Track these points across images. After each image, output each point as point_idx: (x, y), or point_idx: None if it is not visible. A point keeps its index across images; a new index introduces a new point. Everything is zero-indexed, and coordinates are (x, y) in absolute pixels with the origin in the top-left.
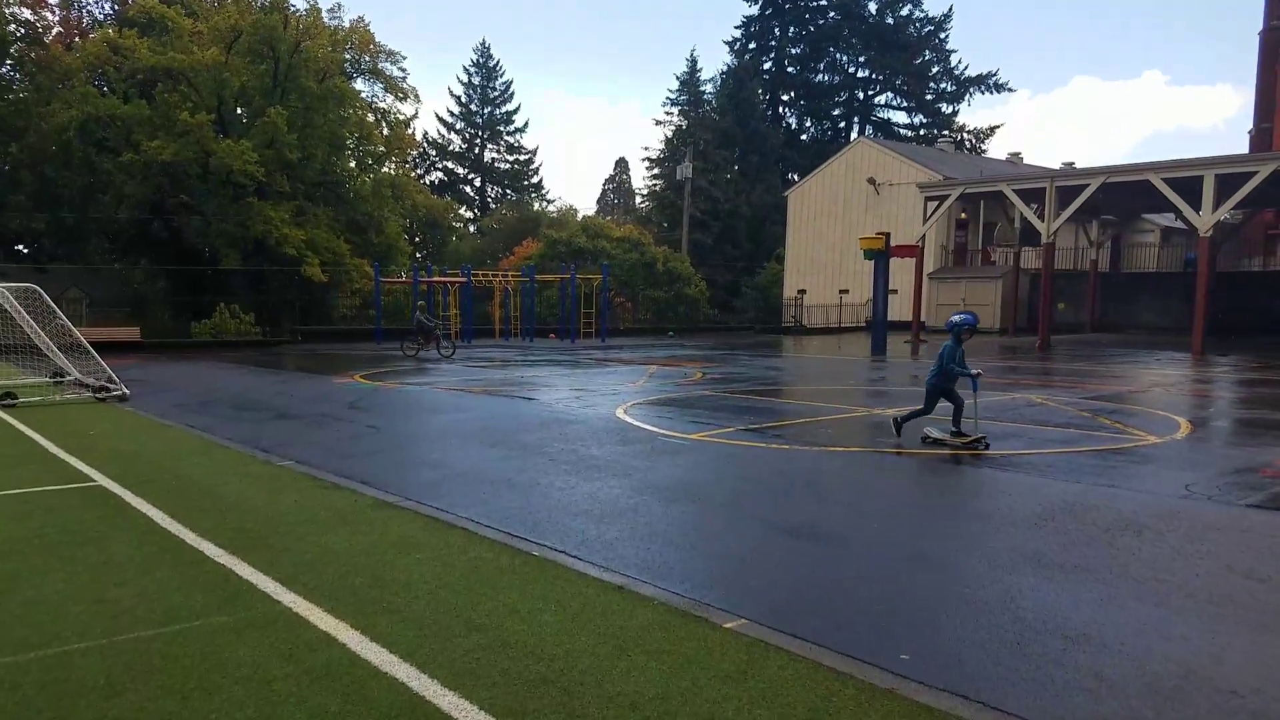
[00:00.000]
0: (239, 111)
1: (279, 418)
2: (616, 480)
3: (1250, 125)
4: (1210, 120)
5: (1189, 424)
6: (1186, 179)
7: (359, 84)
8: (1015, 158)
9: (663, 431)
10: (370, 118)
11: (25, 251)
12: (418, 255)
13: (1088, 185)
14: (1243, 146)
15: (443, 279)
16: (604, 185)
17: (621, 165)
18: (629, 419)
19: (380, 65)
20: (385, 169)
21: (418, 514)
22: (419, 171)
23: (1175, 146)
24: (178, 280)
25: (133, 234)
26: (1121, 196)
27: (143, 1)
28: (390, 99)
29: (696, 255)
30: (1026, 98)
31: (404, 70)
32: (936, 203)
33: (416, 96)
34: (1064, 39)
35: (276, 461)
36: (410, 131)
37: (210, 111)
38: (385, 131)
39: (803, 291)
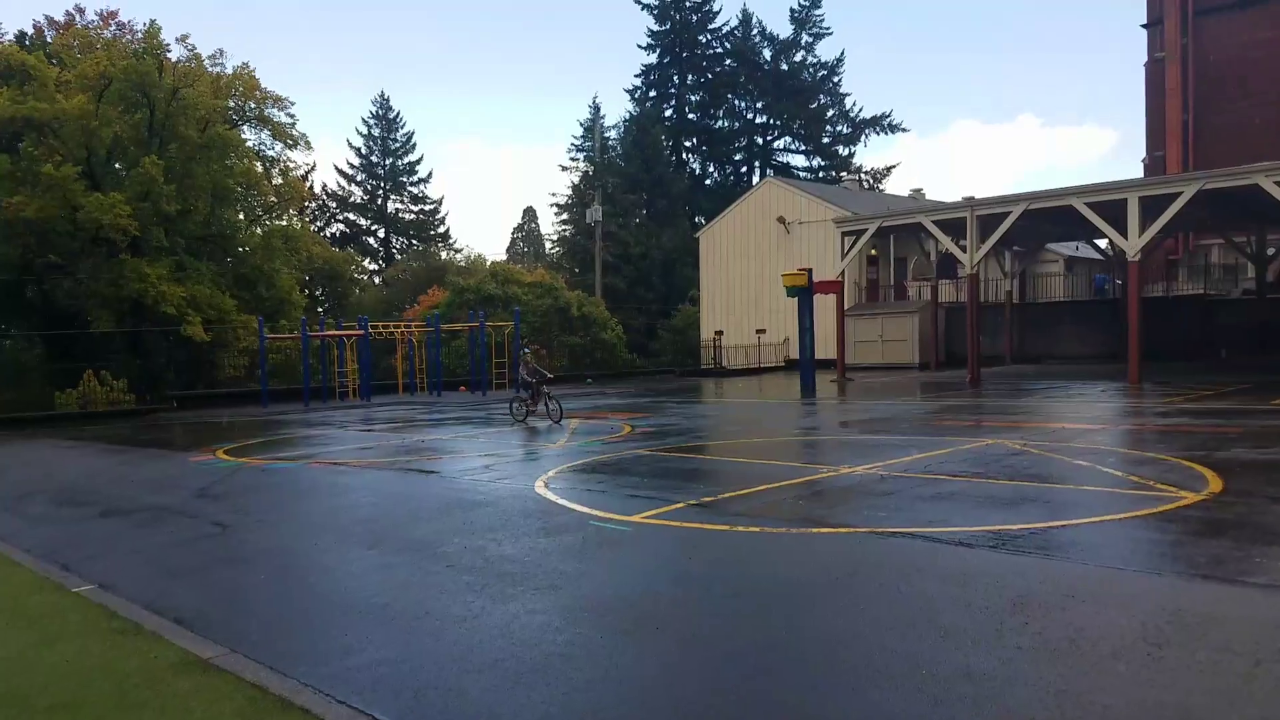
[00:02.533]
0: (116, 165)
1: (105, 515)
2: (540, 598)
3: (1144, 155)
4: (1082, 159)
5: (1213, 472)
6: (1109, 203)
7: (246, 132)
8: (917, 194)
9: (596, 511)
10: (259, 167)
11: None
12: (319, 309)
13: (1010, 213)
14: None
15: (338, 332)
16: (513, 234)
17: (530, 214)
18: (552, 495)
19: (267, 112)
20: (279, 221)
21: (240, 680)
22: (319, 224)
23: (1054, 185)
24: (51, 346)
25: None
26: (1037, 225)
27: (2, 48)
28: (280, 147)
29: (611, 299)
30: (915, 139)
31: (293, 116)
32: (853, 238)
33: (308, 144)
34: (944, 83)
35: (75, 585)
36: (309, 183)
37: (78, 163)
38: (278, 181)
39: (720, 332)
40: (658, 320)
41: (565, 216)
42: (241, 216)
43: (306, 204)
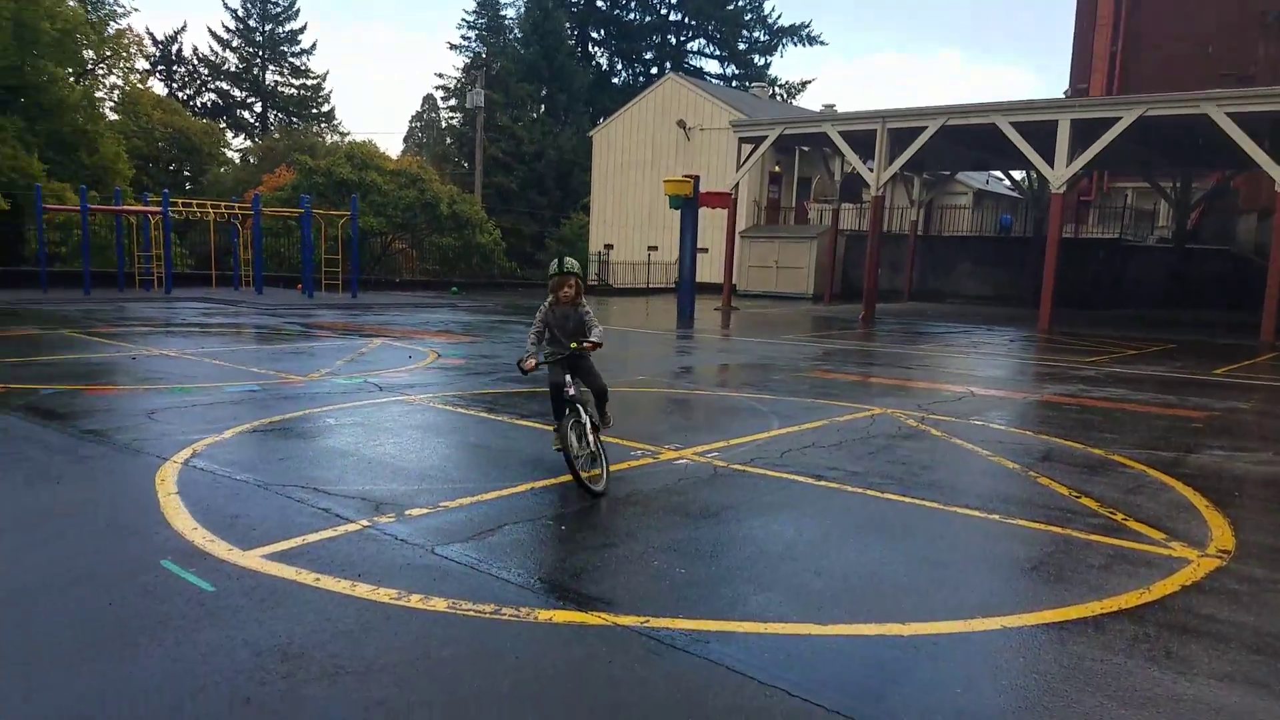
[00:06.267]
0: None
1: None
2: None
3: (1066, 87)
4: (1001, 95)
5: (1201, 496)
6: (1037, 125)
7: None
8: (829, 109)
9: (201, 533)
10: (84, 11)
11: None
12: (186, 185)
13: (926, 128)
14: None
15: (135, 208)
16: (410, 123)
17: (430, 101)
18: (170, 487)
19: None
20: (113, 76)
21: None
22: (188, 91)
23: None
24: None
25: None
26: (952, 148)
27: None
28: None
29: (500, 200)
30: (834, 61)
31: None
32: (752, 145)
33: None
34: (868, 7)
35: None
36: (176, 45)
37: None
38: (112, 30)
39: (609, 246)
40: (548, 228)
41: (454, 103)
42: (69, 71)
43: (175, 69)
